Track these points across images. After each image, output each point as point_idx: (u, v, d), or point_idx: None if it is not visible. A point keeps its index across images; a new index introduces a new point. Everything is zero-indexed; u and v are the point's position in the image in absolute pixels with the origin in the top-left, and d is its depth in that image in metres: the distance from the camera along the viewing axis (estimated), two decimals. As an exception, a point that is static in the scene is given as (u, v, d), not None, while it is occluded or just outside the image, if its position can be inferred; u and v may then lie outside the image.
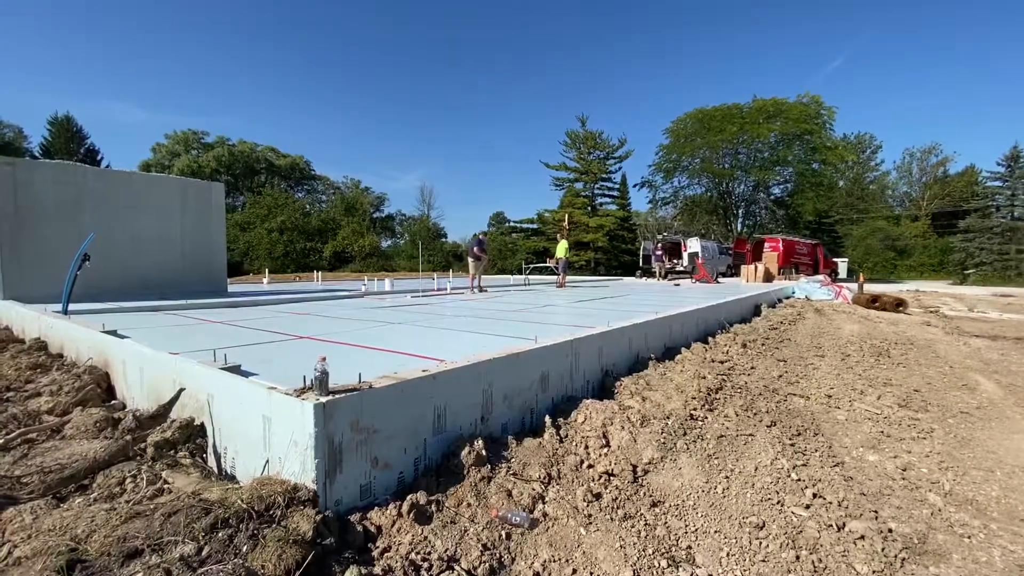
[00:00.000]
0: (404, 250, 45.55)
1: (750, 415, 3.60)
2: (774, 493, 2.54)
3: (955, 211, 42.18)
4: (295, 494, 1.94)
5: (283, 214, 41.25)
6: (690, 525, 2.27)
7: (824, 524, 2.28)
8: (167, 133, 49.95)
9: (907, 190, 55.29)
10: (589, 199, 43.00)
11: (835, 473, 2.82)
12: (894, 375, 5.24)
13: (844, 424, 3.69)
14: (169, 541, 1.66)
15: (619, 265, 40.18)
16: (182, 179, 10.92)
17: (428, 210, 55.25)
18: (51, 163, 9.18)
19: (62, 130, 36.53)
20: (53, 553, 1.55)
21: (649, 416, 3.21)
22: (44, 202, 8.47)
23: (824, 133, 37.39)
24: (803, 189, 39.31)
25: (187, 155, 47.75)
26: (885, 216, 48.59)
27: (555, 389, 3.46)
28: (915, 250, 42.96)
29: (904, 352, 6.49)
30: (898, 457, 3.13)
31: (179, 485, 2.19)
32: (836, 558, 2.05)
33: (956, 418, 3.93)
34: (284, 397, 2.13)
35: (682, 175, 42.73)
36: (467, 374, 2.75)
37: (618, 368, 4.29)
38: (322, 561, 1.73)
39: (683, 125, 40.39)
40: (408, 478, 2.37)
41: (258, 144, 52.39)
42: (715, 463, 2.82)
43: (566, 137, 43.61)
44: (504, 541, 2.02)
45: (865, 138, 54.58)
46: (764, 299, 11.03)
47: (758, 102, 37.40)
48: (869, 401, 4.22)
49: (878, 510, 2.44)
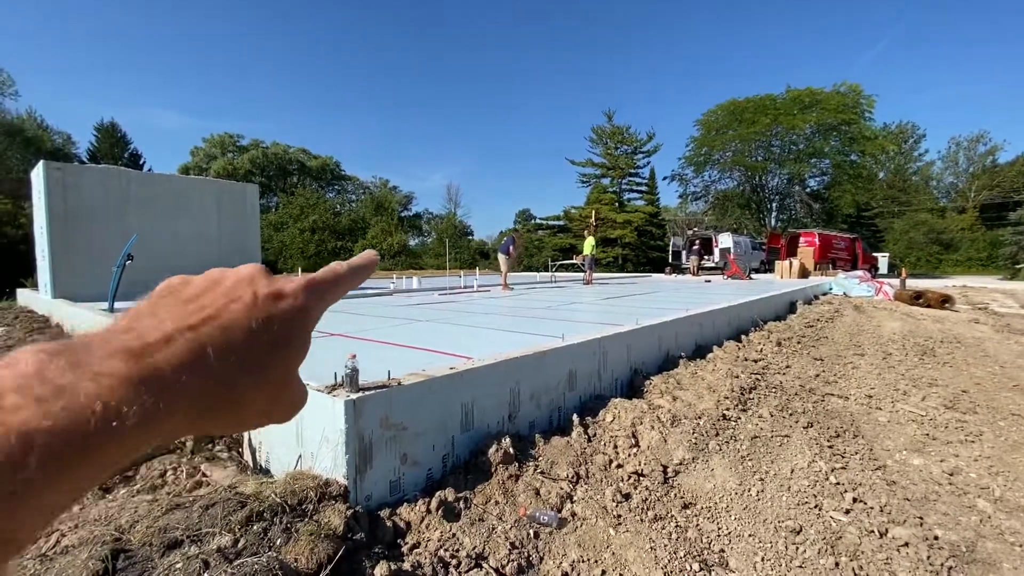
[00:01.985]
0: (431, 248, 46.01)
1: (785, 415, 3.49)
2: (811, 497, 2.45)
3: (1005, 202, 40.02)
4: (327, 489, 1.98)
5: (315, 214, 42.18)
6: (723, 528, 2.21)
7: (865, 530, 2.19)
8: (204, 137, 51.80)
9: (953, 181, 52.64)
10: (616, 195, 42.49)
11: (877, 477, 2.71)
12: (940, 375, 5.00)
13: (886, 426, 3.54)
14: (207, 533, 1.72)
15: (647, 261, 39.58)
16: (219, 181, 11.28)
17: (455, 208, 55.61)
18: (97, 168, 9.62)
19: (107, 136, 38.13)
20: (98, 543, 1.62)
21: (680, 416, 3.14)
22: (91, 205, 8.88)
23: (863, 123, 35.94)
24: (841, 181, 37.89)
25: (223, 158, 49.27)
26: (929, 208, 46.49)
27: (583, 388, 3.43)
28: (962, 244, 40.96)
29: (951, 351, 6.19)
30: (945, 461, 2.98)
31: (216, 478, 2.26)
32: (878, 566, 1.97)
33: (1007, 420, 3.72)
34: (316, 393, 2.17)
35: (713, 168, 41.81)
36: (494, 372, 2.75)
37: (647, 367, 4.22)
38: (352, 556, 1.76)
39: (714, 117, 39.47)
40: (436, 475, 2.39)
41: (290, 146, 53.69)
42: (749, 465, 2.74)
43: (592, 133, 43.21)
44: (532, 540, 2.01)
45: (907, 127, 52.23)
46: (799, 296, 10.69)
47: (792, 92, 36.23)
48: (913, 402, 4.04)
49: (923, 516, 2.33)
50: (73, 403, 0.22)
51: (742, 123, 37.06)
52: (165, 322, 0.27)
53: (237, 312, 0.29)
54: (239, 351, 0.28)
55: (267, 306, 0.30)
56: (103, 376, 0.23)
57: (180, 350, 0.26)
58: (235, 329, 0.29)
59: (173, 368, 0.25)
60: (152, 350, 0.26)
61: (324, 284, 0.34)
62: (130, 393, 0.23)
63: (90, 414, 0.22)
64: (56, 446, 0.21)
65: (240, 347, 0.28)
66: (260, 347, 0.29)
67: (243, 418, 0.30)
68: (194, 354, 0.26)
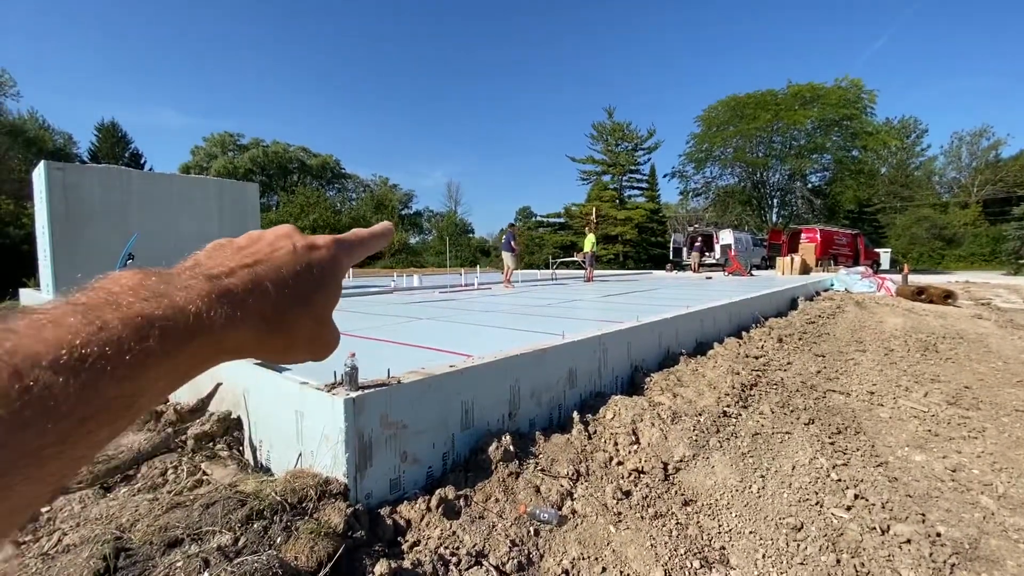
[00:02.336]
0: (432, 246, 46.07)
1: (787, 412, 3.48)
2: (813, 494, 2.44)
3: (1008, 197, 39.91)
4: (327, 487, 1.98)
5: (315, 212, 42.26)
6: (724, 525, 2.21)
7: (867, 527, 2.18)
8: (205, 136, 51.90)
9: (956, 176, 52.38)
10: (617, 192, 42.47)
11: (878, 473, 2.70)
12: (942, 371, 4.99)
13: (888, 422, 3.53)
14: (207, 531, 1.72)
15: (648, 258, 39.56)
16: (219, 180, 11.27)
17: (455, 206, 55.66)
18: (98, 167, 9.61)
19: (108, 136, 38.15)
20: (99, 541, 1.62)
21: (680, 413, 3.14)
22: (93, 204, 8.88)
23: (864, 118, 35.84)
24: (842, 177, 37.84)
25: (224, 157, 49.33)
26: (931, 204, 46.31)
27: (583, 385, 3.43)
28: (964, 239, 40.81)
29: (953, 347, 6.17)
30: (947, 457, 2.97)
31: (217, 476, 2.26)
32: (880, 563, 1.96)
33: (1010, 416, 3.71)
34: (315, 392, 2.17)
35: (714, 165, 41.74)
36: (494, 370, 2.75)
37: (648, 364, 4.21)
38: (353, 554, 1.75)
39: (715, 113, 39.39)
40: (436, 473, 2.39)
41: (290, 144, 53.74)
42: (750, 461, 2.74)
43: (593, 129, 43.19)
44: (532, 537, 2.01)
45: (909, 122, 51.98)
46: (801, 292, 10.67)
47: (793, 88, 36.14)
48: (915, 398, 4.03)
49: (925, 513, 2.33)
50: (174, 303, 0.28)
51: (743, 119, 36.98)
52: (225, 261, 0.34)
53: (282, 257, 0.36)
54: (289, 286, 0.35)
55: (306, 254, 0.37)
56: (191, 289, 0.29)
57: (243, 279, 0.32)
58: (283, 269, 0.35)
59: (241, 290, 0.32)
60: (222, 276, 0.32)
61: (349, 242, 0.43)
62: (214, 302, 0.29)
63: (190, 311, 0.28)
64: (168, 328, 0.27)
65: (289, 283, 0.35)
66: (304, 285, 0.36)
67: (294, 343, 0.36)
68: (255, 283, 0.33)
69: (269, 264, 0.35)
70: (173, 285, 0.29)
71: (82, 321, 0.24)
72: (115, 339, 0.24)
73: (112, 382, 0.24)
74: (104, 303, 0.26)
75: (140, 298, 0.27)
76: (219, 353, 0.30)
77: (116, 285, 0.28)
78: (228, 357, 0.32)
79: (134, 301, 0.27)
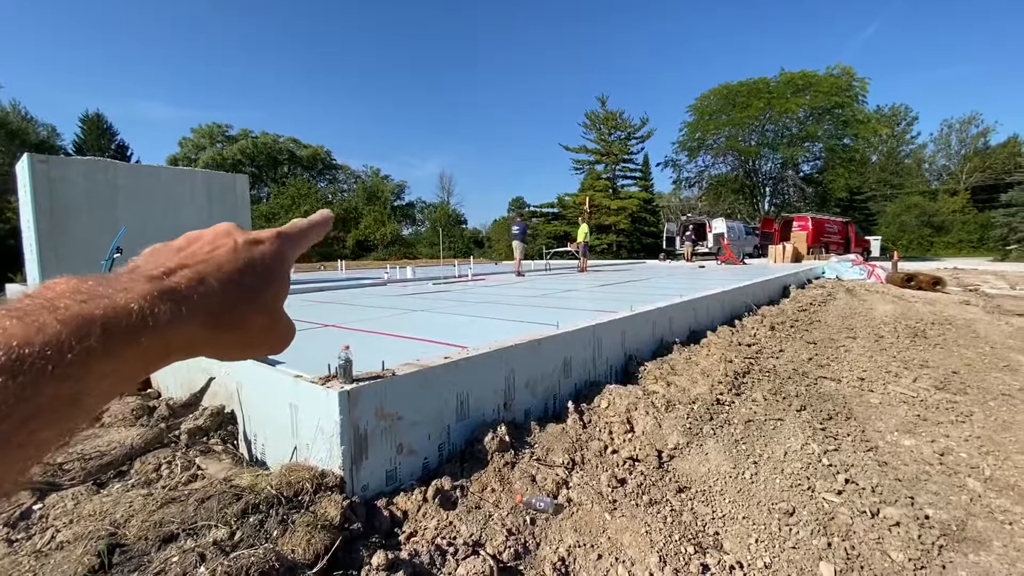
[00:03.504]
0: (425, 237, 45.87)
1: (779, 399, 3.52)
2: (804, 479, 2.48)
3: (996, 184, 40.23)
4: (322, 480, 1.98)
5: (306, 204, 41.87)
6: (717, 511, 2.23)
7: (857, 510, 2.21)
8: (193, 127, 51.00)
9: (945, 163, 52.87)
10: (610, 181, 42.43)
11: (868, 458, 2.74)
12: (931, 356, 5.05)
13: (878, 408, 3.58)
14: (203, 526, 1.71)
15: (642, 248, 39.65)
16: (208, 172, 11.13)
17: (448, 197, 55.37)
18: (83, 160, 9.44)
19: (93, 127, 37.51)
20: (94, 537, 1.61)
21: (674, 401, 3.16)
22: (78, 197, 8.73)
23: (856, 106, 35.93)
24: (833, 165, 37.97)
25: (212, 148, 48.64)
26: (921, 191, 46.68)
27: (578, 375, 3.44)
28: (953, 226, 41.24)
29: (942, 332, 6.25)
30: (935, 441, 3.02)
31: (212, 471, 2.25)
32: (870, 545, 2.00)
33: (997, 400, 3.77)
34: (310, 385, 2.16)
35: (706, 154, 41.73)
36: (489, 360, 2.75)
37: (642, 353, 4.24)
38: (350, 545, 1.76)
39: (707, 101, 39.29)
40: (432, 464, 2.40)
41: (280, 135, 53.06)
42: (743, 448, 2.77)
43: (586, 118, 42.97)
44: (529, 526, 2.02)
45: (900, 110, 52.26)
46: (792, 280, 10.74)
47: (786, 75, 36.09)
48: (904, 384, 4.08)
49: (914, 496, 2.37)
50: (115, 304, 0.28)
51: (735, 107, 36.93)
52: (165, 263, 0.33)
53: (223, 255, 0.36)
54: (234, 281, 0.35)
55: (248, 249, 0.37)
56: (131, 291, 0.29)
57: (185, 277, 0.32)
58: (225, 266, 0.35)
59: (184, 287, 0.32)
60: (163, 276, 0.32)
61: (292, 234, 0.43)
62: (156, 300, 0.29)
63: (132, 309, 0.28)
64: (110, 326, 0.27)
65: (234, 278, 0.35)
66: (250, 280, 0.36)
67: (249, 337, 0.36)
68: (198, 280, 0.33)
69: (210, 262, 0.34)
70: (113, 287, 0.29)
71: (18, 324, 0.24)
72: (54, 340, 0.24)
73: (53, 382, 0.24)
74: (41, 307, 0.26)
75: (78, 300, 0.27)
76: (168, 351, 0.30)
77: (51, 291, 0.27)
78: (180, 355, 0.32)
79: (72, 304, 0.27)
